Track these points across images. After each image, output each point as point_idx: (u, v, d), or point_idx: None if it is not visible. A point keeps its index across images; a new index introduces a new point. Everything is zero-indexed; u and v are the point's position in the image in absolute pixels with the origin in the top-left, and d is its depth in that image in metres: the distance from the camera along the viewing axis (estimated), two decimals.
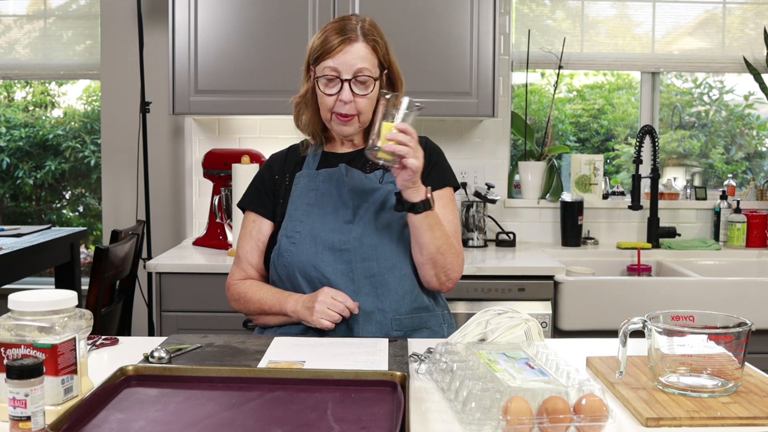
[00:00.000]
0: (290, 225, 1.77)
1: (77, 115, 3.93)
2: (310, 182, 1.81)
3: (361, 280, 1.71)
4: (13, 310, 1.15)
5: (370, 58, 1.73)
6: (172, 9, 2.88)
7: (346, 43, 1.71)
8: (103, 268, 2.53)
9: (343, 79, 1.72)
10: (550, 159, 3.38)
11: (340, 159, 1.83)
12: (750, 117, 3.67)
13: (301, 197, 1.79)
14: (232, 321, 2.67)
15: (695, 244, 3.22)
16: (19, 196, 3.99)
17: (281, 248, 1.76)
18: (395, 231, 1.75)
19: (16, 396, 1.01)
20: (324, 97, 1.75)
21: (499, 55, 2.93)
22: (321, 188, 1.79)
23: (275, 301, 1.74)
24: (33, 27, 3.63)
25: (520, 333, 1.49)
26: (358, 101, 1.73)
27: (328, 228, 1.74)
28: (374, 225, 1.74)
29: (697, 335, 1.24)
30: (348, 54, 1.71)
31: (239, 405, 1.15)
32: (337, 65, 1.71)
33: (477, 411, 1.10)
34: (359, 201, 1.76)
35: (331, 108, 1.75)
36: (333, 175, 1.79)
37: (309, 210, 1.77)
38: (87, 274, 3.75)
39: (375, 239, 1.73)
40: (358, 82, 1.72)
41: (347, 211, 1.76)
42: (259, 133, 3.30)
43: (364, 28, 1.74)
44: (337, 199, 1.77)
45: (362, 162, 1.81)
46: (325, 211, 1.76)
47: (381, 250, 1.73)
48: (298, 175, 1.83)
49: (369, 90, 1.74)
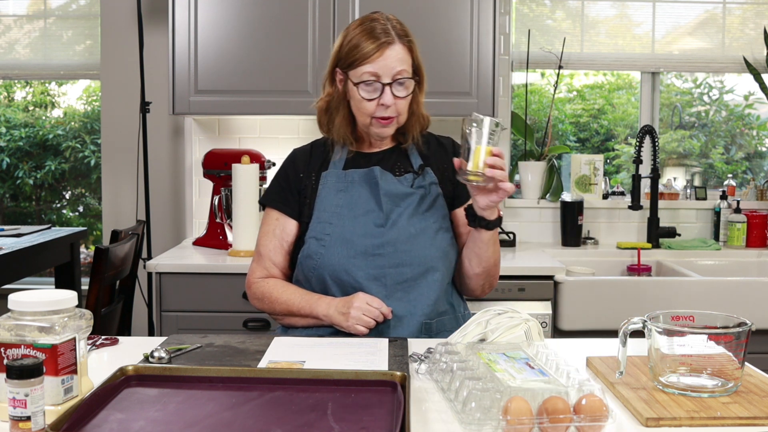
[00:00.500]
0: (319, 227, 1.74)
1: (77, 115, 3.93)
2: (339, 182, 1.77)
3: (393, 285, 1.70)
4: (13, 310, 1.15)
5: (407, 59, 1.72)
6: (172, 9, 2.88)
7: (384, 47, 1.69)
8: (103, 268, 2.53)
9: (383, 83, 1.70)
10: (550, 159, 3.38)
11: (368, 159, 1.81)
12: (750, 117, 3.67)
13: (329, 198, 1.76)
14: (232, 321, 2.67)
15: (695, 244, 3.22)
16: (19, 196, 3.99)
17: (310, 250, 1.74)
18: (428, 236, 1.74)
19: (16, 396, 1.01)
20: (363, 102, 1.72)
21: (499, 55, 2.93)
22: (351, 189, 1.76)
23: (305, 303, 1.72)
24: (33, 27, 3.63)
25: (520, 333, 1.49)
26: (398, 103, 1.72)
27: (360, 231, 1.72)
28: (407, 230, 1.73)
29: (697, 335, 1.24)
30: (387, 58, 1.69)
31: (239, 405, 1.15)
32: (377, 69, 1.69)
33: (477, 411, 1.10)
34: (392, 205, 1.74)
35: (372, 113, 1.73)
36: (365, 177, 1.77)
37: (338, 212, 1.74)
38: (87, 274, 3.75)
39: (408, 244, 1.72)
40: (398, 84, 1.71)
41: (380, 214, 1.73)
42: (259, 133, 3.30)
43: (397, 29, 1.72)
44: (368, 201, 1.75)
45: (391, 163, 1.80)
46: (356, 214, 1.74)
47: (414, 255, 1.72)
48: (324, 174, 1.79)
49: (410, 91, 1.73)
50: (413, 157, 1.82)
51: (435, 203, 1.78)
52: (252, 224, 2.75)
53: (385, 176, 1.76)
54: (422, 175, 1.79)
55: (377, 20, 1.73)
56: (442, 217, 1.78)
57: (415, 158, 1.82)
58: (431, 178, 1.80)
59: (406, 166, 1.81)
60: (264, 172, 2.98)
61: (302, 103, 2.92)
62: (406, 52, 1.72)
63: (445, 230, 1.78)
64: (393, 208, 1.74)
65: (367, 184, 1.76)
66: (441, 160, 1.84)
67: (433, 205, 1.78)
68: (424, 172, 1.80)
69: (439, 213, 1.78)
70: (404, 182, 1.77)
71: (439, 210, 1.78)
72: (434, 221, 1.75)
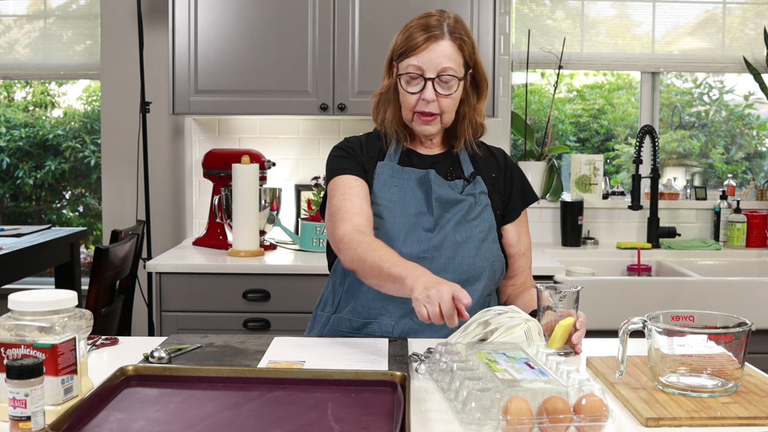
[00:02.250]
0: None
1: (77, 115, 3.93)
2: (394, 177, 1.75)
3: None
4: (13, 310, 1.15)
5: (455, 57, 1.69)
6: (172, 9, 2.88)
7: (431, 40, 1.67)
8: (103, 268, 2.53)
9: (426, 77, 1.67)
10: (550, 159, 3.38)
11: (422, 160, 1.79)
12: (750, 117, 3.67)
13: (383, 190, 1.74)
14: (232, 321, 2.67)
15: (695, 244, 3.22)
16: (19, 196, 3.99)
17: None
18: (473, 245, 1.72)
19: (16, 396, 1.01)
20: (406, 96, 1.70)
21: (499, 55, 2.93)
22: (405, 187, 1.74)
23: (399, 262, 1.51)
24: (33, 27, 3.63)
25: (520, 333, 1.49)
26: (441, 101, 1.69)
27: (408, 233, 1.70)
28: (454, 237, 1.71)
29: (697, 335, 1.24)
30: (433, 52, 1.66)
31: (239, 405, 1.15)
32: (422, 63, 1.67)
33: (477, 411, 1.10)
34: (441, 210, 1.73)
35: (413, 107, 1.71)
36: (421, 178, 1.74)
37: (390, 207, 1.72)
38: (87, 274, 3.75)
39: (452, 251, 1.70)
40: (441, 81, 1.68)
41: (429, 218, 1.72)
42: (259, 133, 3.30)
43: (449, 26, 1.69)
44: (421, 203, 1.73)
45: (444, 168, 1.78)
46: (407, 212, 1.72)
47: (457, 263, 1.70)
48: (380, 164, 1.76)
49: (453, 90, 1.69)
50: (465, 163, 1.80)
51: (483, 212, 1.76)
52: (252, 224, 2.75)
53: (438, 180, 1.75)
54: (473, 182, 1.77)
55: (434, 15, 1.71)
56: (489, 227, 1.76)
57: (467, 165, 1.80)
58: (481, 187, 1.78)
59: (458, 172, 1.79)
60: (264, 172, 2.98)
61: (302, 103, 2.92)
62: (456, 49, 1.69)
63: (491, 241, 1.76)
64: (442, 213, 1.73)
65: (421, 186, 1.74)
66: (492, 170, 1.82)
67: (481, 215, 1.76)
68: (475, 180, 1.78)
69: (487, 223, 1.76)
70: (455, 188, 1.75)
71: (487, 220, 1.76)
72: (480, 231, 1.74)
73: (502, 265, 1.81)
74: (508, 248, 1.83)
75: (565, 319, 1.49)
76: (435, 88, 1.68)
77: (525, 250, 1.86)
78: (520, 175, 1.87)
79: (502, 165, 1.84)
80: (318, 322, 1.81)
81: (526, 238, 1.87)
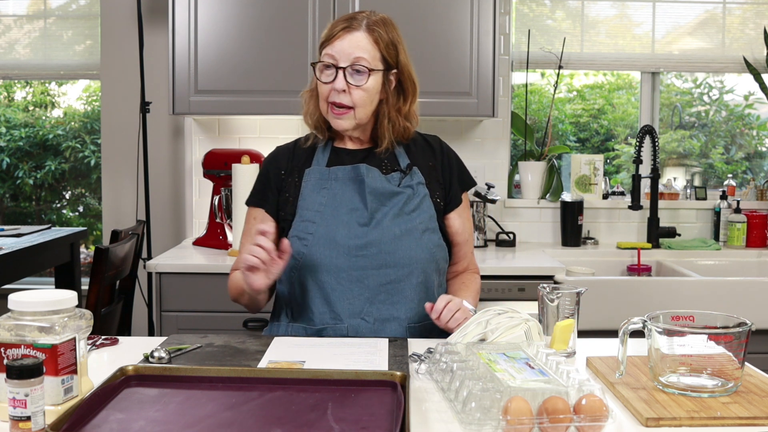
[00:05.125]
0: (301, 225, 1.71)
1: (77, 115, 3.93)
2: (322, 180, 1.74)
3: (375, 287, 1.68)
4: (13, 310, 1.15)
5: (369, 49, 1.68)
6: (172, 9, 2.88)
7: (347, 30, 1.68)
8: (103, 268, 2.53)
9: (338, 66, 1.67)
10: (550, 159, 3.38)
11: (351, 156, 1.78)
12: (750, 117, 3.67)
13: (312, 196, 1.73)
14: (232, 321, 2.67)
15: (695, 244, 3.22)
16: (19, 196, 3.99)
17: (294, 251, 1.69)
18: (413, 237, 1.71)
19: (16, 396, 1.01)
20: (321, 86, 1.71)
21: (499, 55, 2.93)
22: (334, 187, 1.73)
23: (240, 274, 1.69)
24: (33, 27, 3.63)
25: (520, 333, 1.49)
26: (353, 92, 1.68)
27: (343, 231, 1.69)
28: (392, 230, 1.69)
29: (697, 335, 1.24)
30: (346, 41, 1.67)
31: (239, 405, 1.15)
32: (335, 52, 1.67)
33: (477, 411, 1.10)
34: (377, 204, 1.71)
35: (326, 97, 1.70)
36: (350, 173, 1.73)
37: (321, 210, 1.71)
38: (87, 274, 3.75)
39: (392, 245, 1.69)
40: (353, 71, 1.67)
41: (364, 213, 1.70)
42: (259, 133, 3.30)
43: (370, 20, 1.70)
44: (352, 199, 1.71)
45: (378, 161, 1.77)
46: (339, 212, 1.70)
47: (399, 257, 1.69)
48: (307, 172, 1.76)
49: (363, 82, 1.68)
50: (400, 156, 1.79)
51: (422, 203, 1.75)
52: None
53: (372, 173, 1.73)
54: (409, 174, 1.75)
55: (362, 12, 1.73)
56: (429, 217, 1.75)
57: (402, 157, 1.79)
58: (419, 178, 1.76)
59: (393, 165, 1.77)
60: None
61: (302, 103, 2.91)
62: (370, 42, 1.68)
63: (431, 231, 1.75)
64: (378, 207, 1.71)
65: (352, 181, 1.72)
66: (428, 160, 1.81)
67: (420, 206, 1.74)
68: (412, 172, 1.76)
69: (426, 214, 1.75)
70: (392, 180, 1.74)
71: (426, 211, 1.75)
72: (420, 222, 1.72)
73: (445, 255, 1.80)
74: (454, 236, 1.82)
75: (564, 320, 1.49)
76: (346, 78, 1.67)
77: (468, 236, 1.86)
78: (458, 161, 1.86)
79: (439, 153, 1.82)
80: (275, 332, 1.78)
81: (469, 223, 1.86)
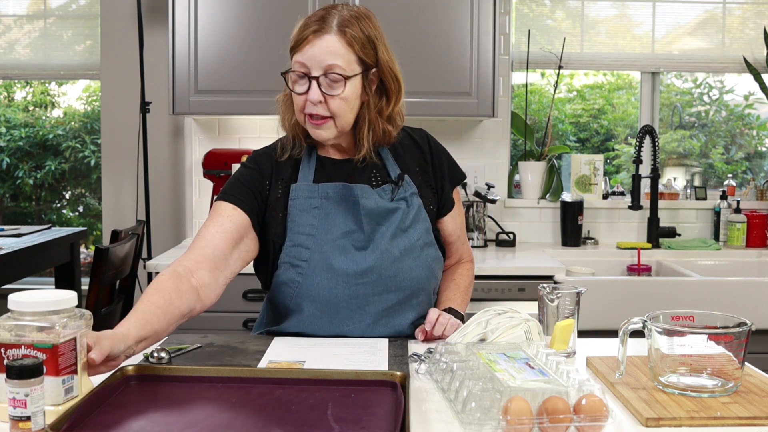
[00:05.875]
0: (293, 251, 1.59)
1: (77, 115, 3.93)
2: (311, 198, 1.59)
3: (377, 313, 1.61)
4: (13, 310, 1.15)
5: (343, 53, 1.51)
6: (172, 9, 2.88)
7: (316, 34, 1.51)
8: (103, 268, 2.53)
9: (311, 76, 1.52)
10: (550, 159, 3.38)
11: (338, 167, 1.64)
12: (750, 117, 3.67)
13: (302, 216, 1.59)
14: (232, 321, 2.67)
15: (695, 244, 3.22)
16: (19, 196, 3.99)
17: (286, 277, 1.60)
18: (413, 257, 1.62)
19: (16, 396, 1.01)
20: (295, 97, 1.56)
21: (499, 55, 2.93)
22: (325, 207, 1.59)
23: (138, 306, 1.38)
24: (33, 27, 3.63)
25: (520, 333, 1.49)
26: (330, 102, 1.53)
27: (340, 258, 1.57)
28: (391, 252, 1.59)
29: (697, 335, 1.24)
30: (316, 47, 1.51)
31: (239, 405, 1.15)
32: (305, 60, 1.52)
33: (477, 411, 1.09)
34: (373, 225, 1.59)
35: (302, 108, 1.56)
36: (341, 193, 1.59)
37: (314, 233, 1.58)
38: (87, 274, 3.75)
39: (393, 269, 1.59)
40: (328, 80, 1.52)
41: (360, 236, 1.58)
42: (259, 133, 3.30)
43: (340, 18, 1.53)
44: (346, 221, 1.59)
45: (367, 174, 1.64)
46: (333, 236, 1.58)
47: (400, 280, 1.60)
48: (294, 188, 1.60)
49: (340, 90, 1.52)
50: (389, 162, 1.66)
51: (418, 217, 1.64)
52: None
53: (365, 191, 1.59)
54: (402, 185, 1.63)
55: (335, 7, 1.56)
56: (425, 231, 1.65)
57: (391, 165, 1.66)
58: (411, 188, 1.64)
59: (384, 176, 1.65)
60: None
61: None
62: (343, 45, 1.52)
63: (429, 245, 1.66)
64: (375, 228, 1.59)
65: (345, 200, 1.59)
66: (417, 162, 1.70)
67: (416, 220, 1.64)
68: (404, 182, 1.64)
69: (422, 226, 1.65)
70: (384, 195, 1.61)
71: (422, 223, 1.65)
72: (418, 238, 1.63)
73: (442, 264, 1.74)
74: (448, 237, 1.75)
75: (564, 320, 1.49)
76: (321, 88, 1.52)
77: (460, 231, 1.78)
78: (447, 158, 1.74)
79: (427, 152, 1.71)
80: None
81: (460, 218, 1.78)
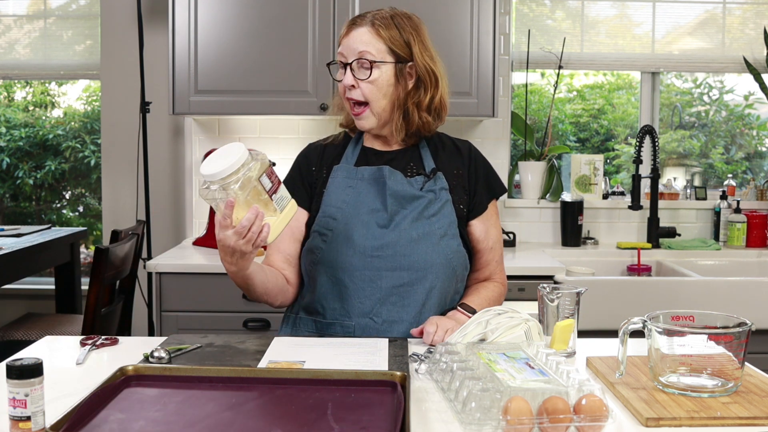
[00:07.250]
0: (323, 221, 1.73)
1: (77, 115, 3.93)
2: (348, 178, 1.75)
3: (388, 288, 1.68)
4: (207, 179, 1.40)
5: (373, 42, 1.68)
6: (172, 9, 2.88)
7: (351, 28, 1.71)
8: (103, 268, 2.53)
9: (345, 63, 1.71)
10: (550, 159, 3.38)
11: (380, 157, 1.78)
12: (750, 117, 3.67)
13: (338, 192, 1.74)
14: (232, 321, 2.67)
15: (695, 244, 3.22)
16: (19, 196, 3.99)
17: (312, 244, 1.72)
18: (431, 242, 1.70)
19: (16, 396, 1.01)
20: (338, 85, 1.75)
21: (499, 55, 2.93)
22: (359, 186, 1.74)
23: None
24: (33, 27, 3.63)
25: (520, 333, 1.49)
26: (362, 86, 1.70)
27: (362, 231, 1.69)
28: (409, 233, 1.69)
29: (697, 335, 1.24)
30: (351, 38, 1.70)
31: (239, 405, 1.15)
32: (343, 50, 1.71)
33: (477, 411, 1.09)
34: (398, 207, 1.71)
35: (343, 94, 1.74)
36: (374, 175, 1.74)
37: (343, 207, 1.72)
38: (87, 274, 3.75)
39: (408, 248, 1.68)
40: (359, 65, 1.69)
41: (384, 215, 1.71)
42: (259, 133, 3.30)
43: (376, 15, 1.72)
44: (374, 200, 1.72)
45: (404, 163, 1.77)
46: (360, 212, 1.71)
47: (413, 260, 1.68)
48: (335, 168, 1.77)
49: (368, 74, 1.69)
50: (426, 159, 1.78)
51: (443, 209, 1.73)
52: None
53: (395, 176, 1.73)
54: (433, 179, 1.75)
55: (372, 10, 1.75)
56: (449, 223, 1.73)
57: (428, 161, 1.78)
58: (442, 183, 1.75)
59: (419, 168, 1.77)
60: None
61: (302, 103, 2.92)
62: (374, 35, 1.69)
63: (450, 237, 1.73)
64: (398, 209, 1.71)
65: (376, 182, 1.73)
66: (455, 166, 1.80)
67: (441, 210, 1.73)
68: (436, 176, 1.75)
69: (447, 219, 1.73)
70: (414, 184, 1.73)
71: (447, 216, 1.73)
72: (439, 227, 1.71)
73: (464, 261, 1.77)
74: (476, 244, 1.81)
75: (564, 320, 1.49)
76: (354, 73, 1.70)
77: (493, 243, 1.83)
78: (486, 168, 1.84)
79: (467, 159, 1.81)
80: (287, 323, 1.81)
81: (495, 231, 1.83)
